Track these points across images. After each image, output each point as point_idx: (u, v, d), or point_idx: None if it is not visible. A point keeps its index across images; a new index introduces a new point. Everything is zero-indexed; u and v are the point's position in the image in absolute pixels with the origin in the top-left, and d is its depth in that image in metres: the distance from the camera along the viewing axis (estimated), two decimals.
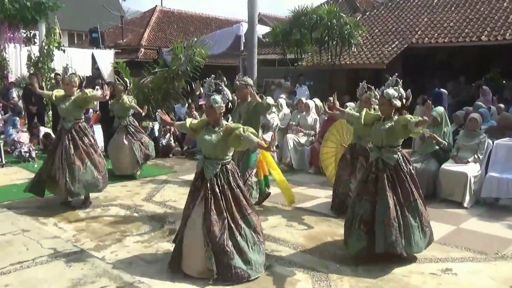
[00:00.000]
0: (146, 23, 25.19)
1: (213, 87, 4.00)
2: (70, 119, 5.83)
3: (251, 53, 12.57)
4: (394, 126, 4.25)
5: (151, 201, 6.43)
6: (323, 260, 4.41)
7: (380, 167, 4.29)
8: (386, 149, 4.30)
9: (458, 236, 5.13)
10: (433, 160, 6.63)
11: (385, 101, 4.29)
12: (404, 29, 14.43)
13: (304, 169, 8.39)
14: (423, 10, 15.33)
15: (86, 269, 3.94)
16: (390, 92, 4.24)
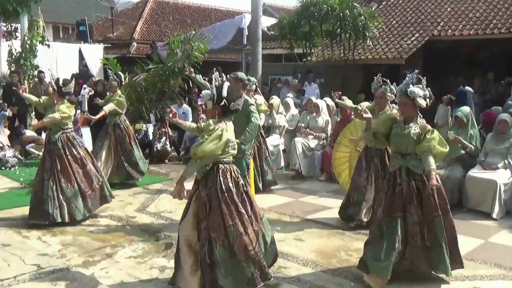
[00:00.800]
0: (139, 15, 25.30)
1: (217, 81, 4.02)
2: (57, 129, 5.87)
3: (255, 47, 12.59)
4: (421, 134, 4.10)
5: (145, 212, 6.43)
6: (336, 277, 4.40)
7: (403, 177, 4.18)
8: (412, 156, 4.16)
9: (486, 251, 5.10)
10: (458, 166, 6.61)
11: (408, 101, 4.15)
12: (425, 20, 14.42)
13: (315, 176, 8.38)
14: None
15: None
16: (415, 91, 4.10)
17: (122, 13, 26.94)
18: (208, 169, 3.86)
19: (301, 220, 6.10)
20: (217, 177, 3.83)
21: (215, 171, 3.85)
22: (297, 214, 6.32)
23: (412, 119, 4.20)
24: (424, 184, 4.09)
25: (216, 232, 3.75)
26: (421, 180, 4.12)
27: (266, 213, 6.29)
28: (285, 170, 8.92)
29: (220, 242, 3.74)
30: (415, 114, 4.21)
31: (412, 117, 4.20)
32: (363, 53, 13.78)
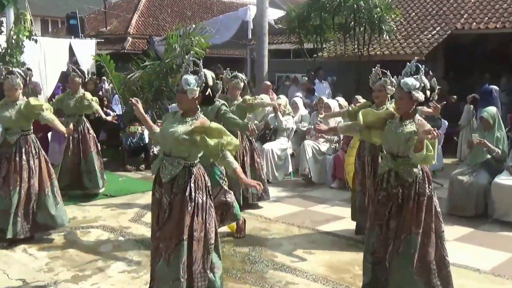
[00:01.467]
0: (134, 8, 25.45)
1: (191, 67, 3.77)
2: (16, 130, 5.58)
3: (260, 42, 12.63)
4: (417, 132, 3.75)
5: (140, 222, 6.44)
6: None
7: (392, 182, 3.95)
8: (403, 160, 3.89)
9: None
10: (483, 172, 6.57)
11: (403, 94, 3.83)
12: (447, 12, 14.39)
13: (326, 183, 8.37)
14: None
15: None
16: (409, 82, 3.78)
17: (116, 5, 27.10)
18: (177, 171, 3.68)
19: (311, 231, 6.08)
20: (187, 182, 3.67)
21: (185, 175, 3.70)
22: (307, 225, 6.31)
23: (409, 116, 3.89)
24: (410, 194, 3.86)
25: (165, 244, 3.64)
26: (409, 188, 3.87)
27: (272, 223, 6.32)
28: (293, 176, 8.91)
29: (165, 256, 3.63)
30: (412, 110, 3.90)
31: (408, 113, 3.89)
32: (379, 49, 13.76)
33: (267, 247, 5.51)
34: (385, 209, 3.95)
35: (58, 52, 14.36)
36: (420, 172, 3.90)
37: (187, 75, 3.68)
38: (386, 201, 3.95)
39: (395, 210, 3.89)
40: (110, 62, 10.78)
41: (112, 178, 8.80)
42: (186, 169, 3.70)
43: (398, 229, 3.88)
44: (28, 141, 5.59)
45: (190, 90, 3.62)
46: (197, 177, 3.72)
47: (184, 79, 3.64)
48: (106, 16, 24.68)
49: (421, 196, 3.86)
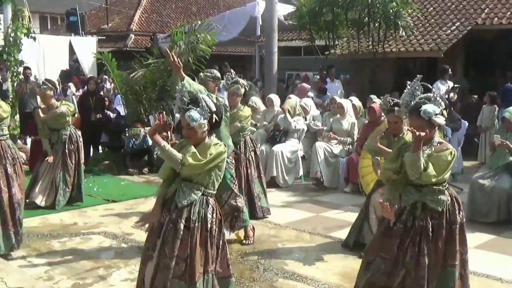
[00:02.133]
0: (137, 3, 25.58)
1: (186, 97, 3.69)
2: None
3: (269, 39, 12.64)
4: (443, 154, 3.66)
5: (144, 228, 6.41)
6: None
7: (418, 215, 3.75)
8: (429, 188, 3.72)
9: None
10: (506, 175, 6.54)
11: (422, 123, 3.65)
12: (467, 7, 14.34)
13: (338, 187, 8.37)
14: None
15: None
16: (429, 109, 3.62)
17: (118, 1, 27.24)
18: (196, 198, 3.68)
19: (323, 238, 6.08)
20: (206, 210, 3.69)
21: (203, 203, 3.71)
22: (319, 231, 6.30)
23: (428, 141, 3.73)
24: (441, 224, 3.72)
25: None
26: (439, 219, 3.72)
27: (282, 229, 6.32)
28: (304, 179, 8.91)
29: None
30: (432, 135, 3.75)
31: (429, 139, 3.73)
32: (395, 45, 13.73)
33: (277, 255, 5.51)
34: (396, 242, 3.77)
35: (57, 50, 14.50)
36: (449, 198, 3.77)
37: (190, 111, 3.61)
38: (400, 235, 3.77)
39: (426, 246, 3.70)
40: (112, 61, 10.82)
41: (114, 182, 8.86)
42: (205, 197, 3.71)
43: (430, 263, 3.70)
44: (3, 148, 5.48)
45: (198, 125, 3.60)
46: (213, 208, 3.75)
47: (188, 116, 3.59)
48: (107, 12, 24.82)
49: (453, 225, 3.74)
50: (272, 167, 8.44)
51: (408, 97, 3.84)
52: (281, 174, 8.51)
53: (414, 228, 3.73)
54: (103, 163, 10.18)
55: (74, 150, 7.30)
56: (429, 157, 3.65)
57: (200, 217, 3.64)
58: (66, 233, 6.22)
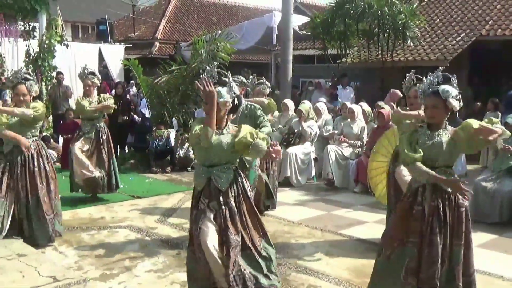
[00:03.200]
0: (162, 14, 25.69)
1: (215, 77, 3.72)
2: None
3: (285, 48, 12.62)
4: (457, 139, 3.64)
5: (166, 223, 6.49)
6: None
7: (427, 195, 3.71)
8: (441, 170, 3.67)
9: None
10: (508, 178, 6.48)
11: (439, 102, 3.64)
12: (472, 19, 14.21)
13: (349, 188, 8.33)
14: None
15: None
16: (449, 89, 3.60)
17: (144, 11, 27.39)
18: (232, 176, 3.73)
19: (333, 235, 6.06)
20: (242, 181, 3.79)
21: (237, 177, 3.79)
22: (330, 229, 6.29)
23: (440, 125, 3.72)
24: (450, 206, 3.67)
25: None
26: (449, 200, 3.66)
27: (295, 226, 6.31)
28: (316, 180, 8.89)
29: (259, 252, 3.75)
30: (445, 120, 3.73)
31: (441, 123, 3.72)
32: (403, 55, 13.65)
33: (290, 250, 5.51)
34: (420, 223, 3.69)
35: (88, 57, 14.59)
36: None
37: (218, 87, 3.65)
38: (421, 217, 3.70)
39: (438, 225, 3.65)
40: (138, 67, 10.90)
41: (139, 180, 8.92)
42: (236, 172, 3.80)
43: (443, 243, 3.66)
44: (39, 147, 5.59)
45: (223, 102, 3.64)
46: (242, 176, 3.84)
47: (217, 92, 3.62)
48: (134, 22, 24.97)
49: (460, 207, 3.69)
50: (286, 168, 8.44)
51: (428, 85, 3.75)
52: (295, 175, 8.50)
53: (428, 209, 3.67)
54: (129, 162, 10.27)
55: (106, 140, 7.39)
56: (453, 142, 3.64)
57: (240, 190, 3.74)
58: (94, 226, 6.28)
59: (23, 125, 5.40)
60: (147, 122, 10.87)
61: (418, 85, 4.85)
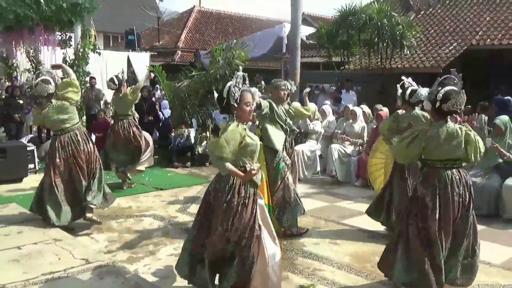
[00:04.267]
0: (183, 24, 25.76)
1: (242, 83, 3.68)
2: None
3: (293, 55, 12.56)
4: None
5: (186, 212, 6.51)
6: (371, 282, 4.34)
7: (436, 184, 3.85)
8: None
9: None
10: (495, 174, 6.40)
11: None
12: (463, 30, 14.06)
13: (350, 182, 8.29)
14: (485, 8, 14.90)
15: (118, 283, 4.02)
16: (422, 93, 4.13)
17: (168, 22, 27.47)
18: None
19: (336, 225, 6.05)
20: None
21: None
22: (333, 219, 6.27)
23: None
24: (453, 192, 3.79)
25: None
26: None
27: (302, 216, 6.26)
28: (321, 175, 8.86)
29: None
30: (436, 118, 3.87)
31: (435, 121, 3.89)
32: (400, 62, 13.55)
33: (297, 238, 5.50)
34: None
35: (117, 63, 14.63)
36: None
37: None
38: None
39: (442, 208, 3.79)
40: (162, 72, 10.93)
41: (162, 174, 8.96)
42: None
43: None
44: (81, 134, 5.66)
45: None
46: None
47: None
48: (159, 32, 25.06)
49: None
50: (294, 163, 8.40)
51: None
52: (301, 170, 8.46)
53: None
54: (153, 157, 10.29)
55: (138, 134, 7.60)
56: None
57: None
58: (122, 215, 6.32)
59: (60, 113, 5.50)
60: (170, 122, 10.91)
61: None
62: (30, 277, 4.09)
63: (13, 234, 5.19)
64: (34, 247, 4.80)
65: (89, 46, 11.49)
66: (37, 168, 8.73)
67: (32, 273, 4.17)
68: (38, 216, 5.55)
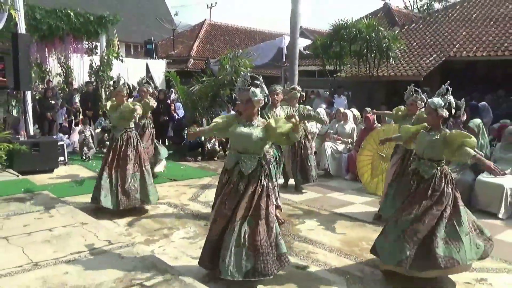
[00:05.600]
0: (195, 36, 25.72)
1: (249, 81, 3.65)
2: (120, 128, 5.73)
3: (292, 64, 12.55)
4: (438, 140, 3.79)
5: (197, 200, 6.52)
6: (358, 264, 4.33)
7: (416, 178, 3.93)
8: (424, 161, 3.88)
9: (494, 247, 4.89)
10: (469, 171, 6.38)
11: (431, 111, 3.83)
12: (442, 43, 14.04)
13: (341, 176, 8.28)
14: (461, 24, 14.86)
15: (137, 261, 4.03)
16: (435, 101, 3.78)
17: (182, 34, 27.45)
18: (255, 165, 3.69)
19: (329, 213, 6.04)
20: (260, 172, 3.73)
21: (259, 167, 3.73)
22: (325, 208, 6.26)
23: (435, 128, 3.88)
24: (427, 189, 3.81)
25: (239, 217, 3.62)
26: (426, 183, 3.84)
27: (298, 205, 6.29)
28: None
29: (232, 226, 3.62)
30: (438, 124, 3.86)
31: (434, 126, 3.88)
32: (386, 71, 13.54)
33: (293, 224, 5.51)
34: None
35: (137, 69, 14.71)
36: (439, 173, 3.84)
37: (252, 88, 3.62)
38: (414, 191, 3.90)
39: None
40: (176, 78, 10.92)
41: (176, 166, 8.95)
42: (259, 162, 3.71)
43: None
44: (129, 135, 5.72)
45: (257, 100, 3.61)
46: (265, 167, 3.77)
47: (252, 92, 3.59)
48: (174, 42, 25.03)
49: (436, 192, 3.79)
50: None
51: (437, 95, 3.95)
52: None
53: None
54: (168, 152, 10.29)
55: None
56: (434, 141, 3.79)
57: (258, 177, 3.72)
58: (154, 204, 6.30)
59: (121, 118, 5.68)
60: (183, 122, 10.91)
61: (415, 95, 5.24)
62: (60, 255, 4.10)
63: (45, 218, 5.20)
64: (64, 229, 4.82)
65: (113, 54, 11.50)
66: (66, 161, 8.76)
67: (61, 252, 4.19)
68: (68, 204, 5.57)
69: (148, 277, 3.69)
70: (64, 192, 6.56)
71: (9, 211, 5.39)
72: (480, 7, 15.36)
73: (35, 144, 7.92)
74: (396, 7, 23.81)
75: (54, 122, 11.30)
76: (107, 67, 11.41)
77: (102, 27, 11.19)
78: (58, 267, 3.86)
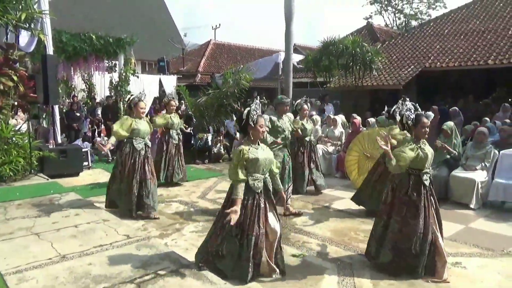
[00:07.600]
0: (202, 54, 25.77)
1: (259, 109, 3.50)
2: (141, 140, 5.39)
3: (287, 77, 12.56)
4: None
5: (205, 198, 6.50)
6: (348, 251, 4.31)
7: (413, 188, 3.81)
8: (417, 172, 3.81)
9: (467, 234, 4.88)
10: (444, 167, 6.36)
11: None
12: (419, 55, 14.03)
13: (331, 174, 8.25)
14: (436, 38, 14.86)
15: (152, 253, 4.02)
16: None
17: (190, 52, 27.49)
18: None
19: (320, 207, 6.02)
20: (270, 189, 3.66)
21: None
22: (319, 203, 6.24)
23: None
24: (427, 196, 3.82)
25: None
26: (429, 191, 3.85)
27: (294, 200, 6.24)
28: None
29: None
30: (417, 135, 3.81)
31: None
32: (370, 81, 13.52)
33: (290, 217, 5.48)
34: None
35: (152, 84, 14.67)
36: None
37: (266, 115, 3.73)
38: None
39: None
40: (186, 91, 10.93)
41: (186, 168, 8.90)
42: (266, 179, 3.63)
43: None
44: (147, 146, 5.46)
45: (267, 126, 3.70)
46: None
47: (265, 119, 3.53)
48: (183, 59, 25.07)
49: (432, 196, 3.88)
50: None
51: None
52: None
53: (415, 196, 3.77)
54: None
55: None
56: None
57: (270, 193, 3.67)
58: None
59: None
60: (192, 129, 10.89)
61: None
62: (84, 248, 4.10)
63: (71, 216, 5.20)
64: (88, 225, 4.81)
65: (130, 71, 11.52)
66: (90, 165, 8.75)
67: (86, 245, 4.18)
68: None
69: (162, 267, 3.68)
70: (88, 193, 6.56)
71: (40, 210, 5.39)
72: (452, 23, 15.37)
73: (63, 151, 7.93)
74: (377, 25, 23.85)
75: (80, 132, 11.32)
76: (125, 83, 11.43)
77: (121, 48, 11.22)
78: (83, 259, 3.85)
